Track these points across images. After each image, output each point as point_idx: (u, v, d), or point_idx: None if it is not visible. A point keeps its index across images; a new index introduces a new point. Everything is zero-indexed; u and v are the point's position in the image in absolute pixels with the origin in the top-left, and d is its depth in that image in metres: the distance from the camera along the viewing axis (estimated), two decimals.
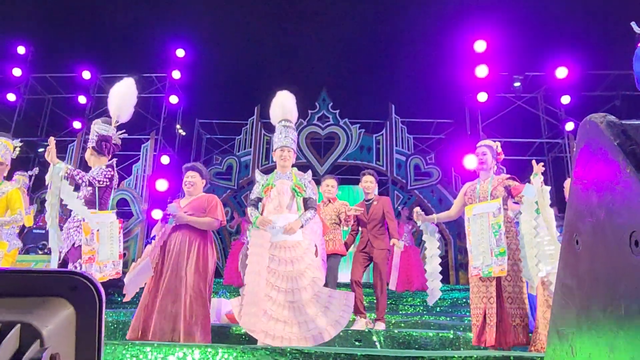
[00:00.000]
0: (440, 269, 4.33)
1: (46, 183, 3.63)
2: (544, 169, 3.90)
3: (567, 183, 4.31)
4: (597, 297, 0.43)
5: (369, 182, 5.53)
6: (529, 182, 3.85)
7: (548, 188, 3.80)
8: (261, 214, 3.86)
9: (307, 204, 3.91)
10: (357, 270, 5.38)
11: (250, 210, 3.92)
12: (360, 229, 5.58)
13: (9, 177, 5.78)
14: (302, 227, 3.77)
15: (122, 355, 2.42)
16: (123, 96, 4.27)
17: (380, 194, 13.41)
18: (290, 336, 3.36)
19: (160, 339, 3.43)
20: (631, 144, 0.41)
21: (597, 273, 0.43)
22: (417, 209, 4.38)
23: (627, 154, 0.41)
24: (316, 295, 3.62)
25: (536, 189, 3.74)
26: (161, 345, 2.48)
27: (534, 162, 3.96)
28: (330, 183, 5.54)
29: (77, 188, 3.87)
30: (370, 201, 5.51)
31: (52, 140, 3.66)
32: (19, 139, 4.81)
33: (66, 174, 3.65)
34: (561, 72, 11.22)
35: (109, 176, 3.91)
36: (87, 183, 3.83)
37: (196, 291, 3.84)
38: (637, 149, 0.41)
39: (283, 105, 4.16)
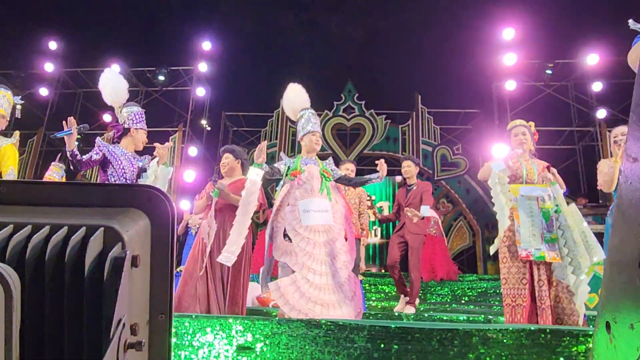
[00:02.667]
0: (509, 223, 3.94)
1: (150, 181, 3.76)
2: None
3: (601, 164, 4.20)
4: None
5: (406, 167, 5.63)
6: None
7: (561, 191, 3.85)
8: (282, 195, 3.91)
9: (346, 177, 4.02)
10: (393, 253, 5.47)
11: (267, 167, 3.92)
12: (400, 212, 5.70)
13: (44, 168, 5.90)
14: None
15: None
16: (116, 83, 4.31)
17: None
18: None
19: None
20: None
21: None
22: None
23: None
24: (347, 280, 3.64)
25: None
26: (199, 317, 2.53)
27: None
28: (349, 167, 5.61)
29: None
30: (412, 186, 5.61)
31: (160, 147, 3.81)
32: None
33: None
34: (592, 59, 10.98)
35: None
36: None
37: (233, 273, 3.92)
38: None
39: (300, 96, 4.23)
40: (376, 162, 3.98)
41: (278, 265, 4.04)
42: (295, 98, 4.25)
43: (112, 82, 4.27)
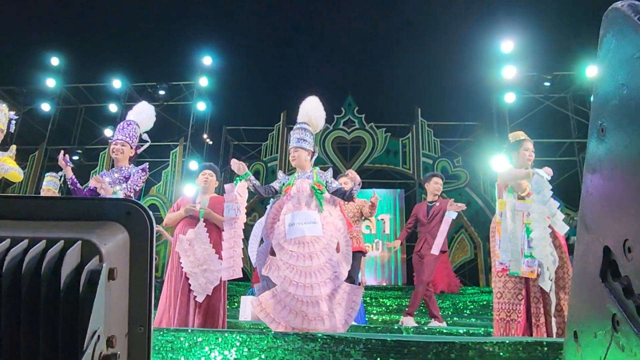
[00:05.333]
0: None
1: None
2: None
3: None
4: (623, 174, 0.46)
5: (438, 184, 5.61)
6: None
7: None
8: (274, 211, 3.94)
9: (340, 190, 3.96)
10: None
11: (260, 185, 4.01)
12: (419, 228, 5.65)
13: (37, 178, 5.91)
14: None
15: (157, 341, 2.48)
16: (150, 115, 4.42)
17: (407, 197, 13.44)
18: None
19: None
20: None
21: (621, 152, 0.46)
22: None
23: None
24: (334, 291, 3.61)
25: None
26: (195, 331, 2.53)
27: None
28: (344, 180, 5.57)
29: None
30: (434, 203, 5.57)
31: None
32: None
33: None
34: (591, 71, 11.04)
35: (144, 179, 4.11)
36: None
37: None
38: None
39: (303, 108, 4.24)
40: (347, 172, 3.96)
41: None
42: (300, 111, 4.26)
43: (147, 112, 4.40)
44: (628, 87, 0.45)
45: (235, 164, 3.88)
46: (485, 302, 8.73)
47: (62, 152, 3.99)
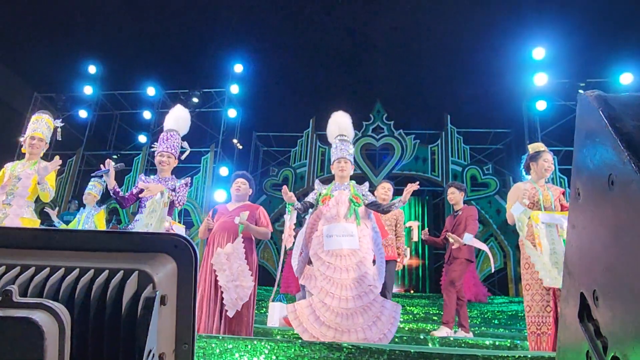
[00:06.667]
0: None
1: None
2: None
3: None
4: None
5: (450, 194, 5.69)
6: None
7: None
8: (312, 221, 4.04)
9: (375, 202, 4.05)
10: None
11: (299, 204, 4.14)
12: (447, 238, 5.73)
13: (82, 187, 6.11)
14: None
15: None
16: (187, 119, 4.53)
17: (435, 205, 13.38)
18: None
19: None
20: (609, 109, 0.54)
21: (590, 212, 0.54)
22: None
23: (605, 117, 0.53)
24: (369, 304, 3.66)
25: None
26: (225, 338, 2.64)
27: None
28: (386, 186, 5.63)
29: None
30: (458, 212, 5.62)
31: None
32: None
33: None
34: (626, 78, 10.83)
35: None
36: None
37: None
38: (612, 113, 0.53)
39: (338, 122, 4.33)
40: (409, 184, 3.97)
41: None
42: (334, 124, 4.35)
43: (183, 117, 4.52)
44: (592, 164, 0.53)
45: (286, 195, 4.01)
46: (514, 312, 8.65)
47: (107, 161, 4.12)
